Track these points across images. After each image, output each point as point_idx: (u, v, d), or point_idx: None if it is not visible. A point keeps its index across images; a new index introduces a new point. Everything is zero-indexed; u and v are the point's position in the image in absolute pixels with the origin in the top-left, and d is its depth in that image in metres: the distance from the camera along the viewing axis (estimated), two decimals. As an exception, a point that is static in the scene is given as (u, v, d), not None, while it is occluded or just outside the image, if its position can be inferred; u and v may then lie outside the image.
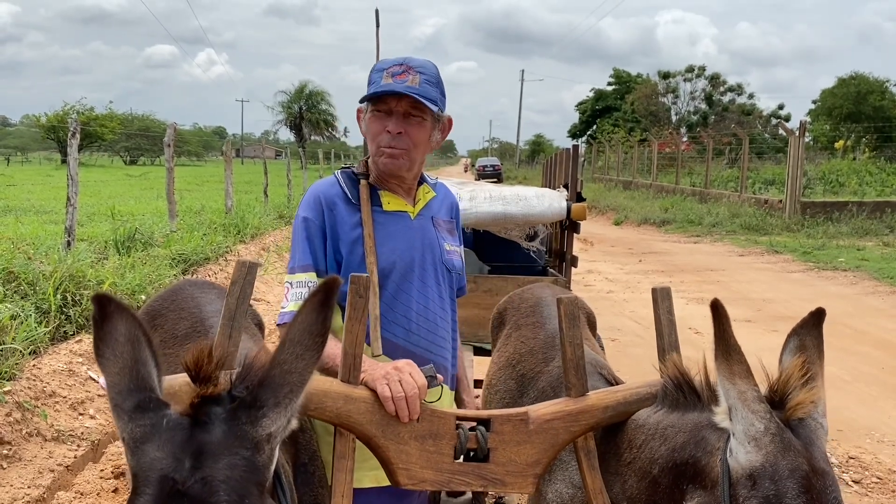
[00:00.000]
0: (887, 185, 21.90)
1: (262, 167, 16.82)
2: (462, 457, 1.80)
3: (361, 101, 2.04)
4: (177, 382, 1.56)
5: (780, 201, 18.60)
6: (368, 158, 2.13)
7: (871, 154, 30.01)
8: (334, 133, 59.10)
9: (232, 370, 1.33)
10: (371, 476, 1.92)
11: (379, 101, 1.98)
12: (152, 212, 12.72)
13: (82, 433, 4.36)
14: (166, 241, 8.41)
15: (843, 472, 4.51)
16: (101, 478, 4.06)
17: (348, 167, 2.16)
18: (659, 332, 1.99)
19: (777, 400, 1.45)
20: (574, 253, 4.44)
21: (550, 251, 4.63)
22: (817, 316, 1.60)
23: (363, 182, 2.06)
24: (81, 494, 3.84)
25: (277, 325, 2.08)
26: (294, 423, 1.27)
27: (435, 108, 2.00)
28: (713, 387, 1.60)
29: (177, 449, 1.13)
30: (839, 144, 33.73)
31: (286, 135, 62.50)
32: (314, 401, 1.72)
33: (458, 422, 1.81)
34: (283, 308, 2.01)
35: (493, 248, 4.50)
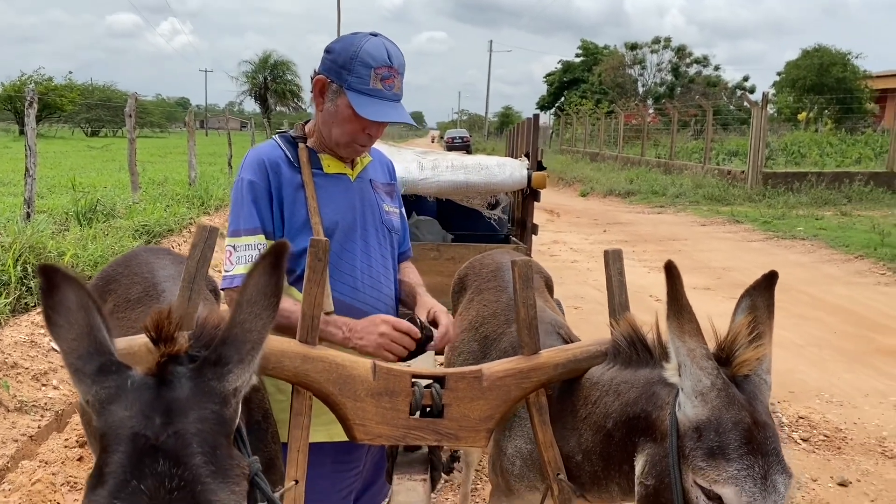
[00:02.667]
0: (847, 156, 22.34)
1: (227, 139, 16.60)
2: (418, 413, 1.87)
3: (344, 88, 1.96)
4: (135, 344, 1.59)
5: (743, 172, 18.90)
6: (307, 123, 2.16)
7: (832, 126, 30.50)
8: (300, 104, 58.39)
9: (189, 331, 1.37)
10: (323, 431, 1.97)
11: None
12: (114, 184, 12.53)
13: (45, 403, 4.36)
14: (129, 212, 8.32)
15: (793, 431, 4.68)
16: (65, 447, 4.07)
17: (285, 131, 2.18)
18: (610, 293, 2.05)
19: (724, 357, 1.51)
20: (538, 223, 4.51)
21: (513, 220, 4.69)
22: (769, 278, 1.65)
23: (302, 146, 2.09)
24: (46, 463, 3.85)
25: (222, 288, 2.05)
26: (255, 379, 1.33)
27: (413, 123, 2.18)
28: (665, 344, 1.67)
29: (146, 407, 1.16)
30: (802, 116, 34.18)
31: (251, 106, 61.59)
32: (272, 360, 1.76)
33: (413, 379, 1.88)
34: (227, 271, 2.01)
35: (457, 217, 4.54)
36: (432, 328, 2.06)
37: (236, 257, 2.00)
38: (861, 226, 12.91)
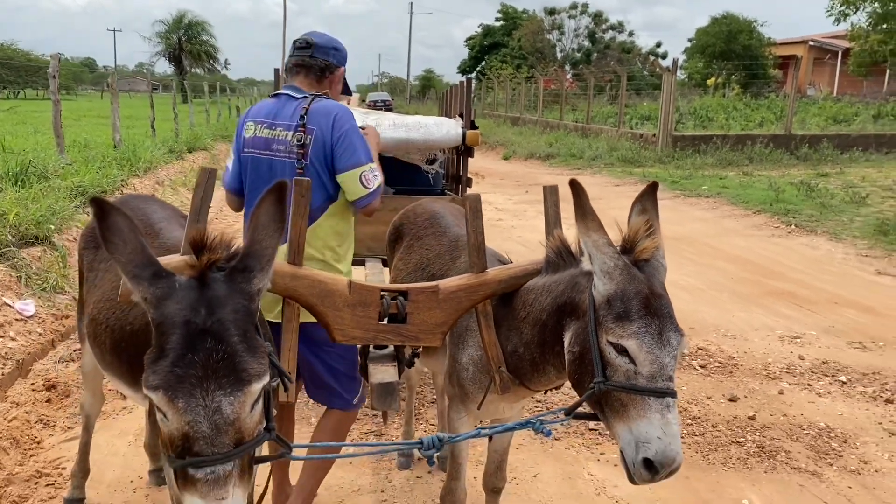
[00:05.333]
0: (751, 119, 23.64)
1: (140, 100, 16.33)
2: (386, 319, 2.30)
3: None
4: (172, 262, 1.96)
5: (654, 135, 19.82)
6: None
7: (739, 91, 32.00)
8: (216, 65, 56.80)
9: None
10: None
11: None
12: (33, 146, 12.25)
13: (6, 353, 4.56)
14: (63, 173, 8.33)
15: (693, 360, 5.34)
16: (32, 390, 4.31)
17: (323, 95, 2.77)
18: (548, 223, 2.48)
19: (628, 247, 1.95)
20: (468, 175, 4.93)
21: (448, 175, 5.10)
22: (653, 186, 2.12)
23: None
24: (17, 405, 4.10)
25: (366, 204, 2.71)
26: (269, 284, 1.74)
27: None
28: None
29: (193, 301, 1.56)
30: (711, 81, 35.64)
31: (164, 67, 59.48)
32: (267, 278, 2.16)
33: (381, 293, 2.30)
34: (377, 184, 2.70)
35: (398, 173, 4.89)
36: None
37: (373, 175, 2.67)
38: (760, 184, 13.91)
